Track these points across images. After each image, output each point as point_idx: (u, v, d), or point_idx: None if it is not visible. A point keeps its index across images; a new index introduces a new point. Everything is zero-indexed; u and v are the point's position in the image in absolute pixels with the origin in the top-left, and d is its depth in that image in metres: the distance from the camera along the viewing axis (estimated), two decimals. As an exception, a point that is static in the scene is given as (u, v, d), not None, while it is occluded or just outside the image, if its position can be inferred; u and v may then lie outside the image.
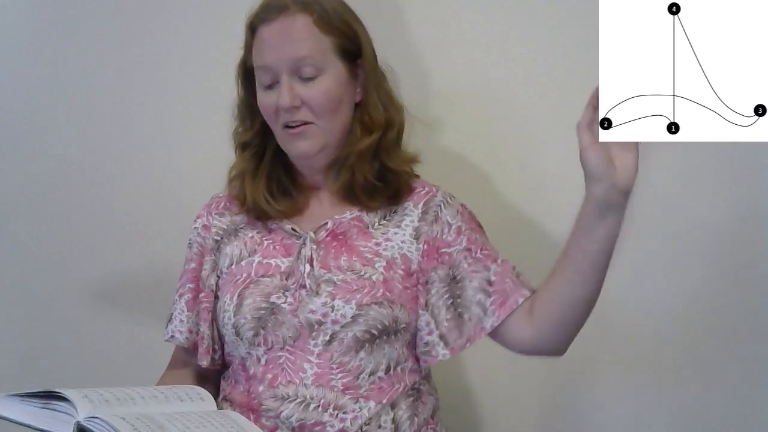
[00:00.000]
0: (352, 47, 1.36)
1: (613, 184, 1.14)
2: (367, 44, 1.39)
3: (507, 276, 1.34)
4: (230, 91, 1.43)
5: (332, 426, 1.27)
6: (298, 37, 1.32)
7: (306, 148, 1.34)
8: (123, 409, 1.12)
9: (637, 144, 1.13)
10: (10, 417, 1.12)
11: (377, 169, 1.37)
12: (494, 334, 1.34)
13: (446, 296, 1.34)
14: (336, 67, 1.34)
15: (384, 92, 1.40)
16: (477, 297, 1.33)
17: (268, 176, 1.39)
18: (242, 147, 1.42)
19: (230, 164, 1.43)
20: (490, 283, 1.33)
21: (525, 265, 1.62)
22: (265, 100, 1.35)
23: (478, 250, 1.35)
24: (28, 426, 1.12)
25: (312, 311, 1.29)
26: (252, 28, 1.36)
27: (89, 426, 1.07)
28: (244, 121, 1.42)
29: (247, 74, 1.40)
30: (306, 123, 1.33)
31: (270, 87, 1.34)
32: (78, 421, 1.08)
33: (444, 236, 1.35)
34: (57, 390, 1.11)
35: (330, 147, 1.36)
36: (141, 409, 1.14)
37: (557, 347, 1.33)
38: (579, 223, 1.22)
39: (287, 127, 1.33)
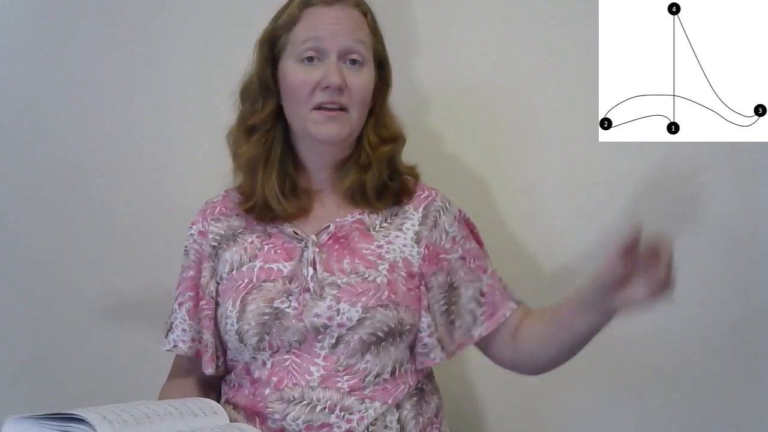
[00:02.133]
0: (383, 57, 1.40)
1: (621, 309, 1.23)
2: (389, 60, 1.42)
3: (496, 287, 1.40)
4: (230, 90, 1.43)
5: (339, 427, 1.27)
6: (356, 26, 1.35)
7: (336, 132, 1.33)
8: (140, 429, 1.13)
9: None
10: None
11: (389, 171, 1.38)
12: (478, 342, 1.41)
13: (442, 302, 1.37)
14: (371, 68, 1.37)
15: (389, 109, 1.42)
16: (470, 306, 1.38)
17: (278, 172, 1.37)
18: (250, 130, 1.38)
19: (230, 164, 1.42)
20: (482, 293, 1.39)
21: (523, 268, 1.63)
22: (302, 74, 1.33)
23: (472, 260, 1.40)
24: None
25: (317, 315, 1.29)
26: (304, 5, 1.35)
27: None
28: (255, 102, 1.38)
29: (271, 51, 1.37)
30: (342, 109, 1.33)
31: (310, 61, 1.33)
32: None
33: (442, 243, 1.37)
34: (75, 413, 1.10)
35: (348, 141, 1.36)
36: (158, 428, 1.15)
37: (532, 372, 1.42)
38: (579, 300, 1.29)
39: (320, 108, 1.32)
